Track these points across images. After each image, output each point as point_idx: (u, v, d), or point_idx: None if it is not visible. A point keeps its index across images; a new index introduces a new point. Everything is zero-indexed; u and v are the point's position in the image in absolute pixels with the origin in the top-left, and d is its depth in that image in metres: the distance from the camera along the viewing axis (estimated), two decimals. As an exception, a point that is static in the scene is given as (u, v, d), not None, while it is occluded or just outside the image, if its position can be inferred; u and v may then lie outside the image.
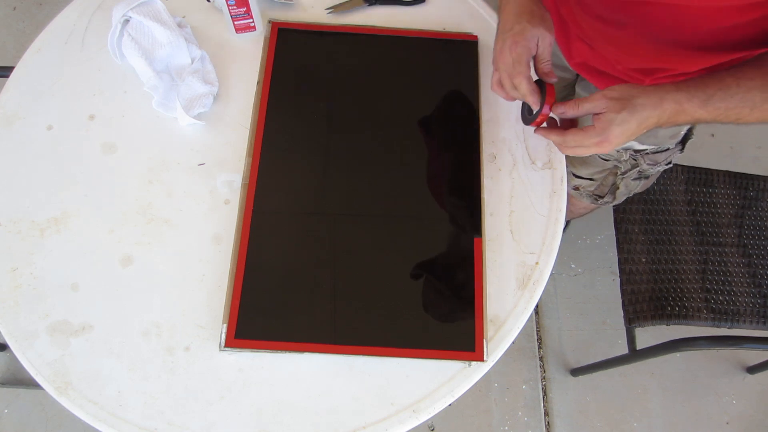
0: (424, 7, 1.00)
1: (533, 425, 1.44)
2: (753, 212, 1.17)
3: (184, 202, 0.85)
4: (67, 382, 0.74)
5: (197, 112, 0.88)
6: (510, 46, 0.70)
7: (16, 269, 0.80)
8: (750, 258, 1.12)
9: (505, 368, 1.50)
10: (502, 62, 0.72)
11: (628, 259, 1.11)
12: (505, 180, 0.88)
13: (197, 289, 0.80)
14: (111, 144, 0.88)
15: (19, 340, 0.76)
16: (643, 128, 0.62)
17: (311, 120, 0.90)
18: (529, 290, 0.81)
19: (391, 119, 0.90)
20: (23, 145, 0.87)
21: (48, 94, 0.91)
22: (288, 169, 0.86)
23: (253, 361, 0.76)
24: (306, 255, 0.81)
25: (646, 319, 1.06)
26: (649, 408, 1.48)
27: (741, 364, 1.52)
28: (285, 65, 0.93)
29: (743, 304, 1.07)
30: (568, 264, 1.64)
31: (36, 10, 1.94)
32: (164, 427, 0.72)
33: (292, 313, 0.78)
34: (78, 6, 0.98)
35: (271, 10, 0.98)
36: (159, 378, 0.75)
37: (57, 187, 0.85)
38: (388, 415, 0.74)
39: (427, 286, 0.81)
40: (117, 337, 0.77)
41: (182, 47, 0.89)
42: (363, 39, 0.96)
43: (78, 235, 0.82)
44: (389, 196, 0.85)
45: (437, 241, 0.83)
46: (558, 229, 0.85)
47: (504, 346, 0.78)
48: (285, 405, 0.74)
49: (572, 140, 0.67)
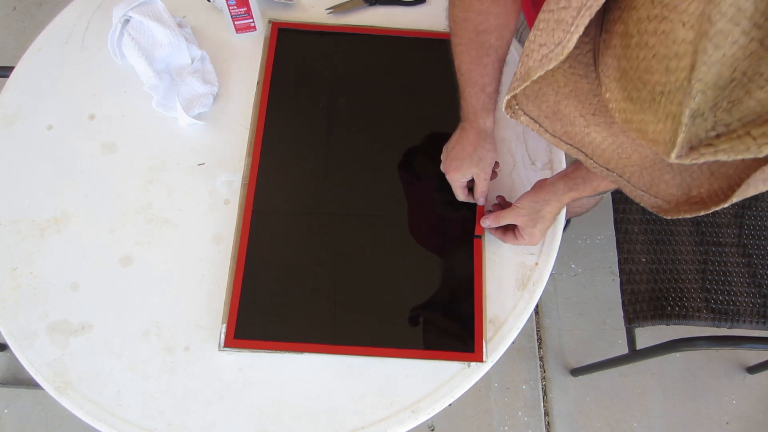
0: (424, 7, 1.00)
1: (533, 425, 1.44)
2: (753, 212, 1.17)
3: (184, 202, 0.85)
4: (67, 382, 0.74)
5: (197, 112, 0.88)
6: (450, 171, 0.81)
7: (16, 269, 0.80)
8: (750, 258, 1.12)
9: (505, 368, 1.50)
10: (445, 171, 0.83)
11: (628, 259, 1.11)
12: (506, 180, 0.88)
13: (197, 289, 0.80)
14: (111, 144, 0.88)
15: (19, 340, 0.76)
16: (554, 218, 0.80)
17: (311, 120, 0.90)
18: (528, 291, 0.81)
19: (390, 119, 0.90)
20: (23, 145, 0.87)
21: (48, 94, 0.91)
22: (288, 169, 0.86)
23: (253, 361, 0.76)
24: (306, 255, 0.81)
25: (646, 319, 1.06)
26: (649, 408, 1.47)
27: (741, 364, 1.52)
28: (285, 65, 0.93)
29: (743, 304, 1.07)
30: (568, 264, 1.63)
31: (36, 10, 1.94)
32: (164, 427, 0.72)
33: (292, 313, 0.78)
34: (78, 6, 0.98)
35: (271, 10, 0.98)
36: (159, 378, 0.75)
37: (57, 187, 0.85)
38: (388, 415, 0.74)
39: (426, 286, 0.81)
40: (117, 337, 0.77)
41: (182, 47, 0.89)
42: (363, 39, 0.96)
43: (78, 235, 0.82)
44: (389, 196, 0.85)
45: (437, 242, 0.83)
46: (558, 230, 0.85)
47: (504, 347, 0.78)
48: (285, 405, 0.74)
49: (510, 242, 0.82)
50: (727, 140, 0.38)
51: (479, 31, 0.70)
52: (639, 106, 0.43)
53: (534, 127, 0.57)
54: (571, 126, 0.56)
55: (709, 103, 0.37)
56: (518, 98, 0.54)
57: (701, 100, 0.36)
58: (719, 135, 0.38)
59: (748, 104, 0.36)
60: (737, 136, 0.37)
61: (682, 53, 0.36)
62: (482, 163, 0.78)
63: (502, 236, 0.82)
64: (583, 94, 0.52)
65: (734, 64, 0.34)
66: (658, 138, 0.42)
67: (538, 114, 0.56)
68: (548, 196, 0.76)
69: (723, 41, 0.34)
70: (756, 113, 0.37)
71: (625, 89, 0.43)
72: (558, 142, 0.58)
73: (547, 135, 0.57)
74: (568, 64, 0.50)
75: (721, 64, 0.34)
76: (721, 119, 0.38)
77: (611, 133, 0.54)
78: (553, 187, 0.76)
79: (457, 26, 0.71)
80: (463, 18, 0.70)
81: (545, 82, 0.52)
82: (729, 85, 0.36)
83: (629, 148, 0.54)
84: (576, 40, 0.41)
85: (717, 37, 0.33)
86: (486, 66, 0.72)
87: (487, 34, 0.69)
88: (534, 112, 0.55)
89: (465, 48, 0.72)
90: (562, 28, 0.43)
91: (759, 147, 0.37)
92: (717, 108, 0.37)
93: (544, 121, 0.56)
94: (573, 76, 0.51)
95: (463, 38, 0.71)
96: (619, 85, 0.44)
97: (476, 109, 0.76)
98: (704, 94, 0.36)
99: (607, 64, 0.45)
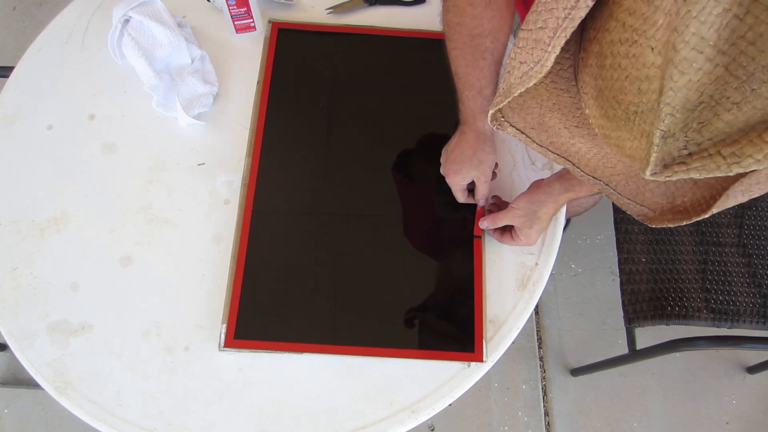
0: (424, 7, 1.00)
1: (533, 425, 1.44)
2: (753, 212, 1.17)
3: (184, 202, 0.85)
4: (67, 382, 0.74)
5: (197, 112, 0.88)
6: (450, 174, 0.81)
7: (16, 269, 0.80)
8: (750, 258, 1.12)
9: (505, 368, 1.50)
10: (445, 174, 0.83)
11: (628, 259, 1.11)
12: (506, 180, 0.88)
13: (197, 289, 0.80)
14: (111, 144, 0.88)
15: (19, 340, 0.76)
16: (551, 219, 0.80)
17: (311, 120, 0.90)
18: (528, 291, 0.81)
19: (390, 119, 0.90)
20: (23, 145, 0.87)
21: (48, 94, 0.91)
22: (288, 169, 0.86)
23: (253, 361, 0.76)
24: (305, 255, 0.81)
25: (646, 319, 1.06)
26: (649, 408, 1.47)
27: (741, 364, 1.52)
28: (285, 65, 0.93)
29: (743, 304, 1.07)
30: (568, 264, 1.63)
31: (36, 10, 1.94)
32: (164, 427, 0.72)
33: (292, 313, 0.78)
34: (78, 6, 0.98)
35: (271, 10, 0.98)
36: (159, 378, 0.75)
37: (57, 187, 0.85)
38: (388, 415, 0.74)
39: (426, 286, 0.81)
40: (117, 337, 0.77)
41: (182, 47, 0.89)
42: (363, 39, 0.96)
43: (78, 235, 0.82)
44: (389, 196, 0.85)
45: (437, 242, 0.83)
46: (558, 230, 0.85)
47: (504, 347, 0.78)
48: (284, 405, 0.74)
49: (508, 243, 0.82)
50: (699, 159, 0.39)
51: (474, 35, 0.70)
52: (615, 123, 0.43)
53: (521, 137, 0.57)
54: (557, 137, 0.56)
55: (678, 125, 0.37)
56: (504, 111, 0.55)
57: (671, 122, 0.37)
58: (691, 154, 0.39)
59: (717, 125, 0.37)
60: (708, 155, 0.38)
61: (652, 76, 0.37)
62: (482, 165, 0.78)
63: (500, 237, 0.82)
64: (566, 107, 0.53)
65: (701, 88, 0.35)
66: (634, 154, 0.43)
67: (524, 125, 0.56)
68: (544, 197, 0.77)
69: (688, 68, 0.34)
70: (725, 133, 0.37)
71: (602, 107, 0.44)
72: (545, 151, 0.58)
73: (534, 145, 0.58)
74: (550, 79, 0.50)
75: (687, 89, 0.35)
76: (692, 138, 0.38)
77: (595, 144, 0.54)
78: (549, 188, 0.77)
79: (452, 31, 0.71)
80: (457, 23, 0.70)
81: (529, 95, 0.53)
82: (697, 108, 0.36)
83: (614, 158, 0.55)
84: (553, 59, 0.42)
85: (682, 64, 0.34)
86: (482, 69, 0.72)
87: (482, 37, 0.69)
88: (520, 123, 0.56)
89: (460, 52, 0.72)
90: (540, 47, 0.44)
91: (729, 166, 0.37)
92: (687, 128, 0.38)
93: (531, 132, 0.57)
94: (555, 90, 0.51)
95: (458, 42, 0.71)
96: (597, 103, 0.45)
97: (474, 112, 0.76)
98: (673, 116, 0.37)
99: (585, 81, 0.46)
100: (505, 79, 0.49)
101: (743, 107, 0.36)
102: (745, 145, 0.36)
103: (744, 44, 0.33)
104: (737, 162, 0.37)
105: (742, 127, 0.37)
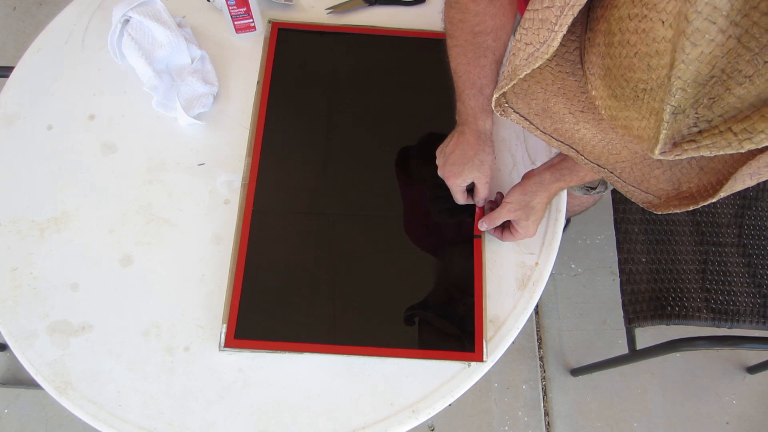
0: (424, 7, 1.00)
1: (533, 425, 1.44)
2: (753, 212, 1.17)
3: (184, 202, 0.85)
4: (67, 382, 0.74)
5: (197, 112, 0.88)
6: (451, 176, 0.80)
7: (16, 269, 0.80)
8: (750, 258, 1.12)
9: (505, 368, 1.50)
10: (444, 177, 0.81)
11: (628, 259, 1.11)
12: (506, 180, 0.88)
13: (197, 289, 0.80)
14: (111, 144, 0.88)
15: (19, 340, 0.76)
16: (545, 208, 0.80)
17: (311, 120, 0.90)
18: (528, 291, 0.81)
19: (390, 119, 0.90)
20: (23, 145, 0.87)
21: (48, 94, 0.91)
22: (287, 169, 0.86)
23: (253, 361, 0.76)
24: (305, 255, 0.81)
25: (646, 319, 1.06)
26: (649, 408, 1.47)
27: (741, 364, 1.52)
28: (285, 65, 0.93)
29: (743, 304, 1.07)
30: (568, 264, 1.63)
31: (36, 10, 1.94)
32: (164, 427, 0.72)
33: (292, 313, 0.78)
34: (78, 6, 0.98)
35: (271, 10, 0.98)
36: (158, 378, 0.75)
37: (57, 187, 0.85)
38: (388, 415, 0.74)
39: (426, 286, 0.80)
40: (117, 337, 0.77)
41: (182, 47, 0.89)
42: (363, 39, 0.96)
43: (78, 235, 0.82)
44: (389, 196, 0.85)
45: (437, 242, 0.83)
46: (558, 230, 0.85)
47: (504, 347, 0.78)
48: (284, 405, 0.74)
49: (508, 239, 0.82)
50: (709, 136, 0.38)
51: (476, 32, 0.69)
52: (623, 103, 0.43)
53: (524, 124, 0.57)
54: (561, 123, 0.56)
55: (689, 100, 0.37)
56: (507, 96, 0.54)
57: (681, 97, 0.36)
58: (701, 131, 0.38)
59: (728, 100, 0.36)
60: (719, 131, 0.38)
61: (662, 51, 0.37)
62: (483, 167, 0.78)
63: (500, 235, 0.82)
64: (571, 91, 0.52)
65: (712, 61, 0.35)
66: (642, 134, 0.42)
67: (527, 112, 0.56)
68: (535, 187, 0.77)
69: (700, 39, 0.34)
70: (737, 109, 0.37)
71: (610, 87, 0.44)
72: (549, 139, 0.58)
73: (537, 132, 0.58)
74: (555, 62, 0.50)
75: (699, 61, 0.35)
76: (702, 115, 0.38)
77: (600, 130, 0.54)
78: (539, 178, 0.76)
79: (454, 27, 0.71)
80: (459, 19, 0.69)
81: (534, 80, 0.52)
82: (709, 82, 0.36)
83: (619, 144, 0.54)
84: (560, 38, 0.42)
85: (694, 35, 0.34)
86: (484, 67, 0.71)
87: (484, 35, 0.69)
88: (524, 109, 0.56)
89: (462, 49, 0.71)
90: (546, 27, 0.43)
91: (740, 143, 0.37)
92: (698, 104, 0.37)
93: (534, 119, 0.56)
94: (560, 73, 0.51)
95: (459, 39, 0.71)
96: (604, 83, 0.44)
97: (475, 111, 0.75)
98: (684, 91, 0.36)
99: (592, 62, 0.46)
100: (510, 62, 0.49)
101: (756, 80, 0.35)
102: (758, 120, 0.36)
103: (757, 15, 0.32)
104: (749, 138, 0.36)
105: (754, 101, 0.36)
